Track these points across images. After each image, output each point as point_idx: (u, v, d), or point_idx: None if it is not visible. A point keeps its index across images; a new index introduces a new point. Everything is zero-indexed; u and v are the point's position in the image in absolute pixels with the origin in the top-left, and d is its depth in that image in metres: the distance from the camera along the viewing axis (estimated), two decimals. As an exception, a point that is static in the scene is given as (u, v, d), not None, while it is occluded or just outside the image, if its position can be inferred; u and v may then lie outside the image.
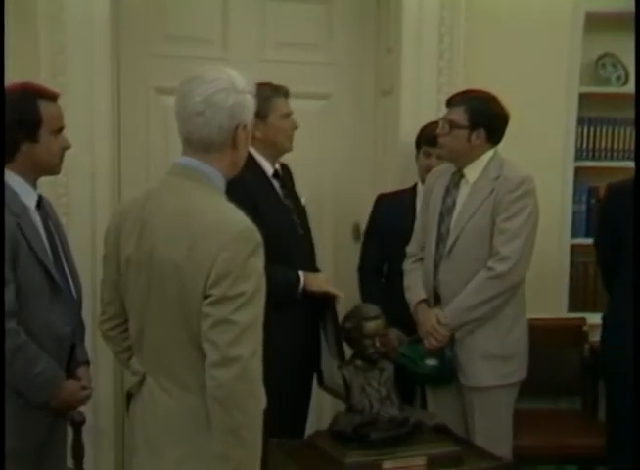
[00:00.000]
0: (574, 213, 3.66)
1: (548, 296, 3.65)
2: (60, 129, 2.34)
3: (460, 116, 2.81)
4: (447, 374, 2.85)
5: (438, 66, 3.38)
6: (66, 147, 2.36)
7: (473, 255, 2.80)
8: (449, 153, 2.88)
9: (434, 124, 3.16)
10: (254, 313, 1.73)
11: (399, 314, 2.90)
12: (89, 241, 3.11)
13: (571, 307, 3.71)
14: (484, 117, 2.81)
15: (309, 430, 2.82)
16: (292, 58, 3.55)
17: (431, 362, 2.85)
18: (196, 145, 1.84)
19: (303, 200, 3.00)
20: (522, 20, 3.47)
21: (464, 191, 2.87)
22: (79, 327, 2.47)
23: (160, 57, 3.39)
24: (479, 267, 2.79)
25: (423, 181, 3.19)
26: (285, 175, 2.96)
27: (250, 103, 1.86)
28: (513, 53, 3.48)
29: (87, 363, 2.51)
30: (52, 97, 2.33)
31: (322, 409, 3.42)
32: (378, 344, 2.60)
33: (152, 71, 3.40)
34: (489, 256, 2.79)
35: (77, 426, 2.66)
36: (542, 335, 3.53)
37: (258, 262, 1.76)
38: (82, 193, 3.11)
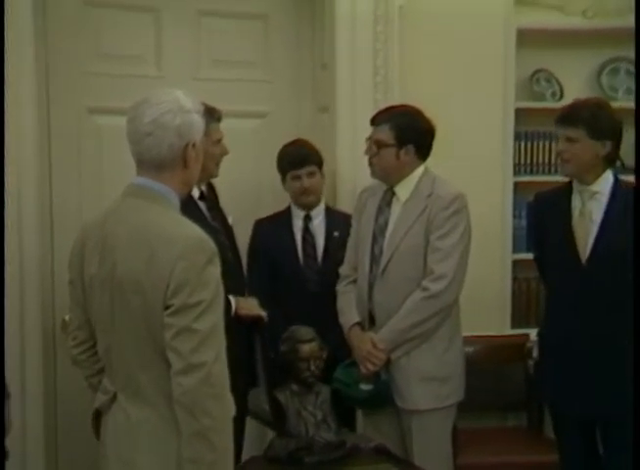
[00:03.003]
0: (515, 229, 3.67)
1: (490, 312, 3.64)
2: None
3: (386, 134, 2.78)
4: (383, 398, 2.80)
5: (374, 81, 3.37)
6: None
7: (407, 275, 2.77)
8: (380, 172, 2.85)
9: (291, 146, 3.22)
10: (214, 320, 1.81)
11: None
12: (17, 268, 2.98)
13: (515, 324, 3.69)
14: (411, 132, 2.79)
15: (246, 455, 2.74)
16: (227, 76, 3.49)
17: (365, 386, 2.80)
18: (148, 165, 1.92)
19: (230, 219, 2.94)
20: (455, 35, 3.48)
21: (396, 209, 2.84)
22: None
23: (92, 75, 3.30)
24: (413, 287, 2.76)
25: (298, 204, 3.23)
26: (210, 195, 2.89)
27: (197, 122, 1.96)
28: (448, 68, 3.49)
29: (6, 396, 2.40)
30: None
31: (263, 435, 3.33)
32: (313, 367, 2.57)
33: (83, 90, 3.30)
34: (423, 275, 2.75)
35: None
36: (486, 352, 3.56)
37: (215, 270, 1.84)
38: (9, 218, 2.95)
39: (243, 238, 3.27)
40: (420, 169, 2.84)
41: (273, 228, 3.26)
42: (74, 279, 2.03)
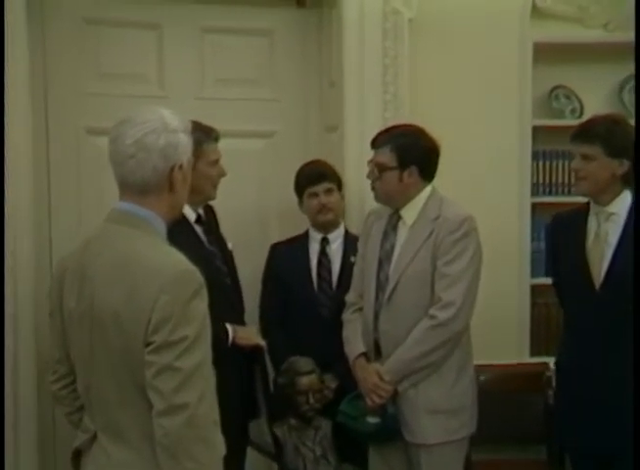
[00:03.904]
0: (533, 252, 3.49)
1: (508, 340, 3.49)
2: None
3: (387, 157, 2.65)
4: (390, 431, 2.65)
5: (383, 99, 3.22)
6: None
7: (414, 302, 2.63)
8: (383, 196, 2.73)
9: (308, 165, 3.16)
10: (199, 358, 1.69)
11: None
12: (12, 301, 2.83)
13: (534, 351, 3.52)
14: (413, 153, 2.65)
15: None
16: (232, 95, 3.39)
17: (372, 420, 2.64)
18: (132, 189, 1.80)
19: (230, 244, 2.82)
20: (469, 50, 3.34)
21: (402, 234, 2.70)
22: None
23: (92, 95, 3.20)
24: (420, 315, 2.61)
25: (315, 225, 3.14)
26: (209, 219, 2.77)
27: (184, 142, 1.83)
28: (461, 84, 3.34)
29: None
30: None
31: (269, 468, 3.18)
32: (312, 400, 2.43)
33: (83, 111, 3.21)
34: (431, 303, 2.61)
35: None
36: (502, 381, 3.38)
37: (201, 304, 1.72)
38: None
39: (247, 263, 3.16)
40: (426, 191, 2.71)
41: (289, 252, 3.16)
42: (54, 311, 1.91)
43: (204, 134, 2.63)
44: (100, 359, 1.77)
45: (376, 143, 2.71)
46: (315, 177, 3.08)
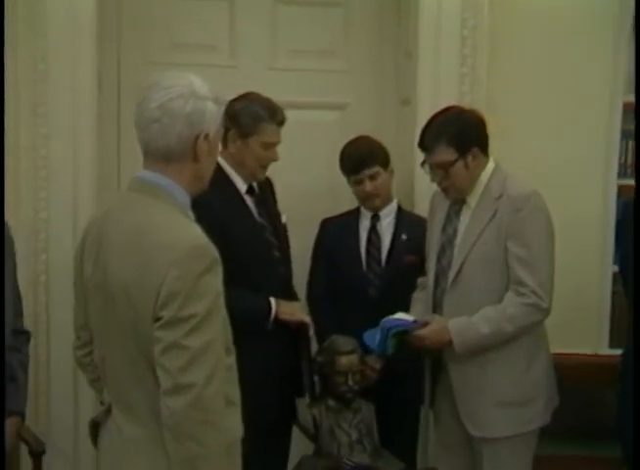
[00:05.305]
0: (617, 238, 3.27)
1: (587, 329, 3.31)
2: None
3: (445, 153, 2.49)
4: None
5: (460, 72, 3.09)
6: None
7: (480, 286, 2.49)
8: (456, 192, 2.57)
9: (351, 146, 2.98)
10: (209, 336, 1.62)
11: None
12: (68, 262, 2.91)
13: (614, 343, 3.30)
14: (468, 135, 2.50)
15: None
16: (305, 66, 3.33)
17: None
18: (154, 155, 1.74)
19: (284, 217, 2.76)
20: (556, 19, 3.14)
21: (465, 216, 2.56)
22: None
23: (163, 65, 3.16)
24: (486, 299, 2.47)
25: (364, 206, 3.02)
26: (263, 191, 2.72)
27: (212, 110, 1.75)
28: (545, 57, 3.15)
29: (18, 414, 2.33)
30: None
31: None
32: (351, 382, 2.35)
33: (154, 81, 3.23)
34: (498, 285, 2.47)
35: (36, 456, 2.51)
36: (580, 373, 3.20)
37: (213, 280, 1.65)
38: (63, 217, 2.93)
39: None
40: (489, 168, 2.55)
41: (339, 228, 3.07)
42: (77, 278, 1.89)
43: (267, 113, 2.57)
44: (112, 332, 1.74)
45: (426, 144, 2.55)
46: (357, 165, 2.94)
